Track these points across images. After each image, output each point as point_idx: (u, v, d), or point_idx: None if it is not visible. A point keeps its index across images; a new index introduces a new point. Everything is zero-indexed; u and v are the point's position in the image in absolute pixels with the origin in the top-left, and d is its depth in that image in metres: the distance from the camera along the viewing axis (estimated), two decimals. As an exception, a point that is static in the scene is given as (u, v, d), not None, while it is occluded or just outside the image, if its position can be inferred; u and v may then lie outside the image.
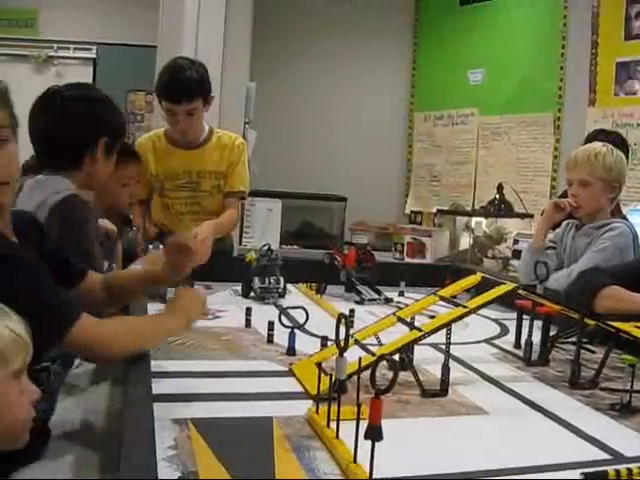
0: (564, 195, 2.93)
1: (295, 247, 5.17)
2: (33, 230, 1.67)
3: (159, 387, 1.43)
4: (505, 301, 2.32)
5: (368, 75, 6.04)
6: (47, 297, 1.37)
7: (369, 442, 1.01)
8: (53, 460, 1.38)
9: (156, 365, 1.57)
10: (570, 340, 1.91)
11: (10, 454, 1.12)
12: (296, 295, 2.68)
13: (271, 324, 1.91)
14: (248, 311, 2.12)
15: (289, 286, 2.63)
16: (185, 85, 2.92)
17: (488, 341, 2.11)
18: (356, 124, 6.04)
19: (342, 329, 1.20)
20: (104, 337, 1.46)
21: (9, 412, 1.06)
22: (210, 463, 1.09)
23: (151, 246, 2.66)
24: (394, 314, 1.73)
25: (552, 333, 1.91)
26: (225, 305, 2.37)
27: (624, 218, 2.95)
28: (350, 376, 1.30)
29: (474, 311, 1.60)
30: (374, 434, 1.00)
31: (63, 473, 1.33)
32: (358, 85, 6.05)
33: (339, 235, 5.68)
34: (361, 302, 2.54)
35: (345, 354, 1.19)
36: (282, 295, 2.52)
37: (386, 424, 1.01)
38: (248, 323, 2.10)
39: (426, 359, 1.74)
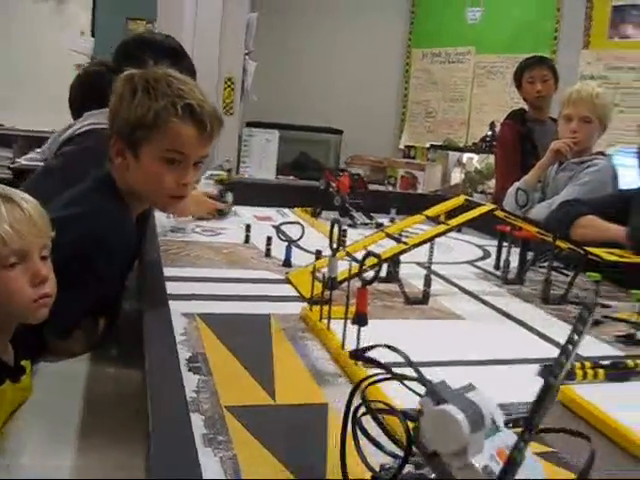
0: None
1: (291, 178, 5.28)
2: None
3: (169, 288, 1.56)
4: (488, 229, 2.47)
5: (368, 10, 6.07)
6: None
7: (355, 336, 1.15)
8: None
9: (166, 271, 1.72)
10: (546, 265, 2.06)
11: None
12: (293, 218, 2.81)
13: (269, 239, 2.05)
14: (248, 227, 2.25)
15: (287, 210, 2.78)
16: None
17: (470, 262, 2.25)
18: (355, 58, 6.10)
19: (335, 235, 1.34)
20: None
21: (7, 298, 1.21)
22: (216, 346, 1.24)
23: None
24: (382, 230, 1.87)
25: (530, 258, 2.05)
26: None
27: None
28: (341, 282, 1.43)
29: (455, 228, 1.75)
30: (360, 320, 1.15)
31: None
32: (358, 20, 6.08)
33: (335, 167, 5.78)
34: (354, 226, 2.67)
35: (337, 256, 1.34)
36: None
37: (372, 324, 1.16)
38: (247, 239, 2.24)
39: (411, 274, 1.88)
